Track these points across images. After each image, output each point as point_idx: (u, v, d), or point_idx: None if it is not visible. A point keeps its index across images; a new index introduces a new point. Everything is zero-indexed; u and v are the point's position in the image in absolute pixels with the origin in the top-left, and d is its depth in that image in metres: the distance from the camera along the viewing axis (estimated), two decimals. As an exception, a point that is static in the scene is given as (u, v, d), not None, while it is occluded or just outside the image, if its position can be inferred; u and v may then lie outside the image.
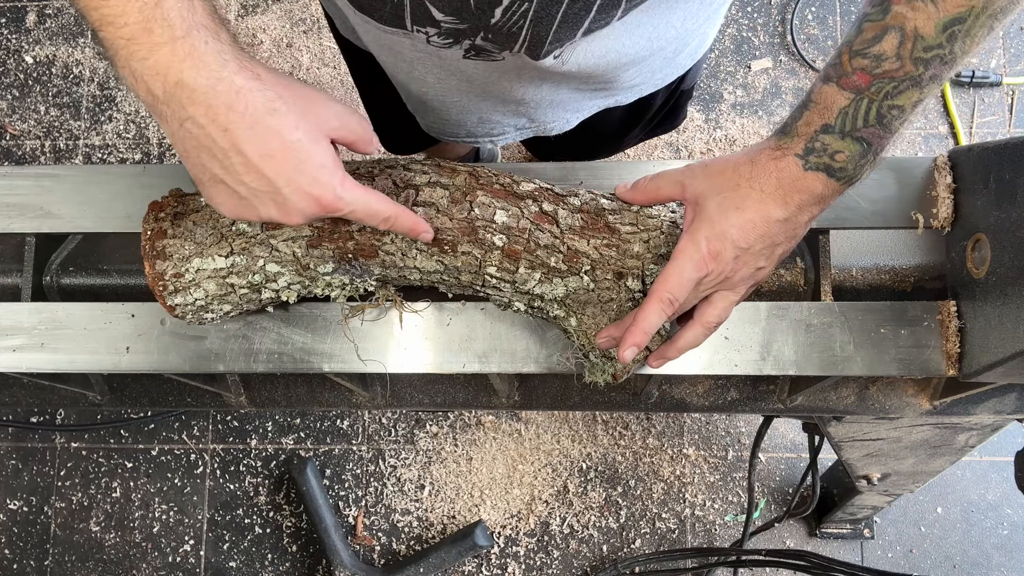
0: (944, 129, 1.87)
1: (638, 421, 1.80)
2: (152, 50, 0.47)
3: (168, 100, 0.48)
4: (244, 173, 0.51)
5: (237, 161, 0.50)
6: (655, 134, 1.10)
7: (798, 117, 0.57)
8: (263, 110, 0.50)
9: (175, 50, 0.47)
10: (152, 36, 0.47)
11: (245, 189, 0.52)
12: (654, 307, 0.60)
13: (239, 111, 0.49)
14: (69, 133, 2.00)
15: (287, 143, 0.50)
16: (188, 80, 0.48)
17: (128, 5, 0.46)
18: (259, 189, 0.52)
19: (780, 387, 0.86)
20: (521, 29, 0.62)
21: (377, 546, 1.80)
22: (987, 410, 0.83)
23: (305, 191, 0.52)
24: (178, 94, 0.48)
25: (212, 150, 0.50)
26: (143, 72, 0.48)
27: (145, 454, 1.86)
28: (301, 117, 0.51)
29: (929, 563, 1.73)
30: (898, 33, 0.52)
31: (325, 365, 0.73)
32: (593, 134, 0.95)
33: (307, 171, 0.52)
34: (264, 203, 0.53)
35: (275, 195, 0.52)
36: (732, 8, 1.95)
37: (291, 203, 0.52)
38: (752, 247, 0.59)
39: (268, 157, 0.50)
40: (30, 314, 0.75)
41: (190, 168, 0.53)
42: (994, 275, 0.64)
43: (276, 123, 0.50)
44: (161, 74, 0.48)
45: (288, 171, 0.51)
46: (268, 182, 0.51)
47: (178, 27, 0.47)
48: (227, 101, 0.48)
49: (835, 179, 0.57)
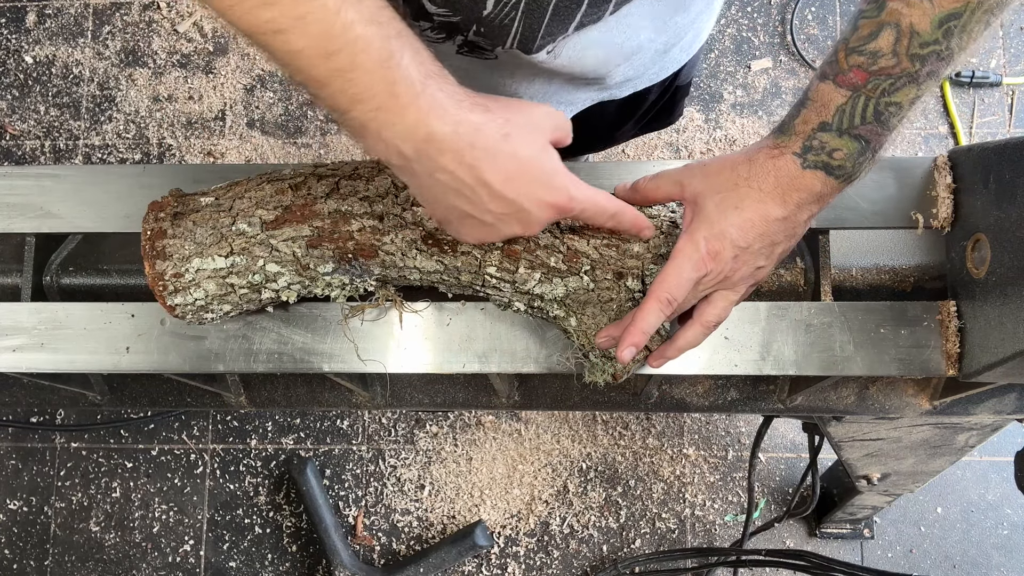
0: (944, 129, 1.87)
1: (638, 421, 1.80)
2: (401, 114, 0.49)
3: (419, 157, 0.51)
4: (490, 202, 0.53)
5: (483, 193, 0.53)
6: (650, 129, 1.10)
7: (795, 115, 0.57)
8: (498, 138, 0.52)
9: (420, 107, 0.49)
10: (398, 100, 0.49)
11: (491, 216, 0.55)
12: (652, 307, 0.61)
13: (481, 147, 0.51)
14: (69, 133, 2.00)
15: (522, 163, 0.53)
16: (436, 131, 0.50)
17: (373, 77, 0.48)
18: (504, 213, 0.54)
19: (780, 387, 0.86)
20: (513, 21, 0.62)
21: (377, 546, 1.80)
22: (987, 410, 0.83)
23: (544, 201, 0.55)
24: (428, 149, 0.50)
25: (461, 191, 0.53)
26: (394, 138, 0.50)
27: (145, 454, 1.86)
28: (527, 134, 0.54)
29: (929, 563, 1.73)
30: (894, 30, 0.52)
31: (325, 365, 0.73)
32: (586, 128, 0.95)
33: (545, 182, 0.54)
34: (509, 224, 0.56)
35: (519, 214, 0.55)
36: (732, 8, 1.95)
37: (533, 216, 0.55)
38: (751, 246, 0.59)
39: (509, 181, 0.53)
40: (30, 314, 0.75)
41: (438, 212, 0.56)
42: (994, 275, 0.64)
43: (510, 148, 0.52)
44: (411, 135, 0.50)
45: (528, 188, 0.54)
46: (512, 203, 0.54)
47: (417, 83, 0.49)
48: (470, 140, 0.51)
49: (834, 177, 0.57)
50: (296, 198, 0.65)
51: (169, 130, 1.99)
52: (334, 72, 0.47)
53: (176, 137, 1.98)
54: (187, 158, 1.97)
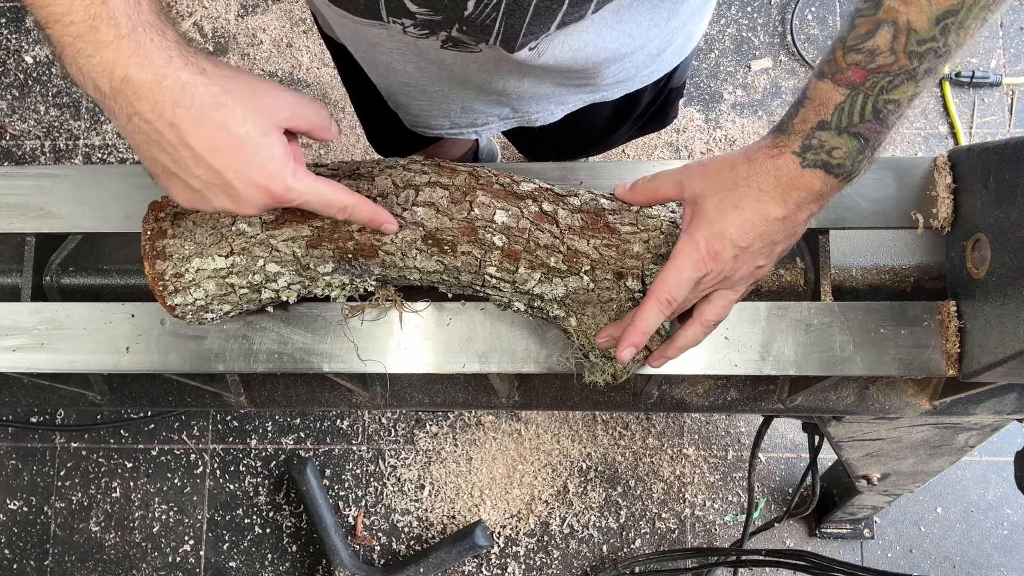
0: (944, 129, 1.87)
1: (638, 421, 1.80)
2: (98, 48, 0.48)
3: (115, 96, 0.49)
4: (194, 167, 0.51)
5: (186, 155, 0.51)
6: (644, 132, 1.10)
7: (794, 114, 0.57)
8: (209, 104, 0.50)
9: (120, 47, 0.48)
10: (98, 34, 0.48)
11: (197, 182, 0.52)
12: (652, 307, 0.61)
13: (185, 106, 0.49)
14: (69, 133, 2.00)
15: (234, 136, 0.51)
16: (134, 76, 0.48)
17: (74, 4, 0.47)
18: (210, 182, 0.52)
19: (780, 387, 0.86)
20: (495, 22, 0.62)
21: (377, 546, 1.80)
22: (987, 410, 0.83)
23: (255, 182, 0.52)
24: (124, 90, 0.49)
25: (161, 144, 0.51)
26: (90, 69, 0.48)
27: (145, 454, 1.86)
28: (249, 110, 0.52)
29: (929, 563, 1.73)
30: (891, 27, 0.52)
31: (325, 365, 0.73)
32: (581, 130, 0.95)
33: (255, 163, 0.52)
34: (216, 195, 0.53)
35: (226, 187, 0.52)
36: (732, 8, 1.95)
37: (242, 195, 0.53)
38: (751, 246, 0.59)
39: (215, 150, 0.51)
40: (30, 314, 0.75)
41: (144, 161, 0.54)
42: (994, 275, 0.64)
43: (222, 117, 0.50)
44: (107, 71, 0.48)
45: (236, 163, 0.51)
46: (218, 175, 0.52)
47: (124, 25, 0.48)
48: (173, 96, 0.49)
49: (833, 175, 0.57)
50: None
51: (169, 130, 1.99)
52: None
53: (176, 137, 1.98)
54: (187, 158, 1.96)
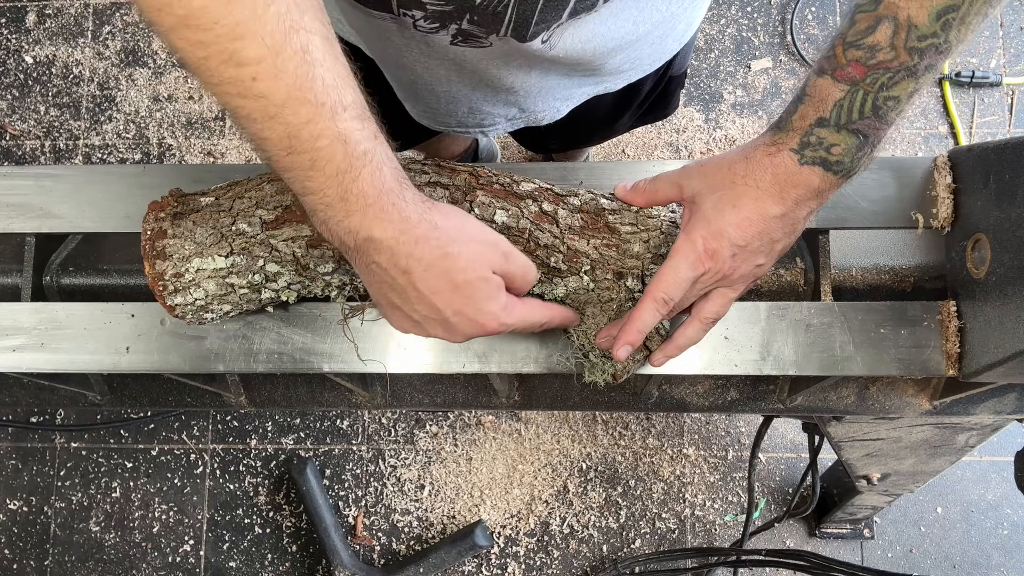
0: (944, 129, 1.87)
1: (638, 421, 1.80)
2: (347, 215, 0.53)
3: (358, 250, 0.55)
4: (417, 304, 0.57)
5: (412, 296, 0.56)
6: (646, 121, 1.10)
7: (793, 111, 0.57)
8: (437, 255, 0.55)
9: (366, 214, 0.53)
10: (347, 204, 0.53)
11: (418, 316, 0.58)
12: (648, 307, 0.61)
13: (416, 257, 0.55)
14: (69, 133, 2.00)
15: (455, 284, 0.56)
16: (376, 236, 0.54)
17: (328, 181, 0.52)
18: (429, 317, 0.58)
19: (780, 387, 0.86)
20: (506, 10, 0.62)
21: (377, 546, 1.80)
22: (987, 410, 0.83)
23: (471, 319, 0.58)
24: (367, 247, 0.54)
25: (393, 286, 0.57)
26: (338, 230, 0.54)
27: (145, 454, 1.86)
28: (469, 260, 0.56)
29: (929, 563, 1.73)
30: (891, 23, 0.52)
31: (325, 365, 0.73)
32: (583, 121, 0.95)
33: (473, 306, 0.57)
34: (434, 327, 0.59)
35: (444, 323, 0.58)
36: (732, 8, 1.95)
37: (458, 329, 0.58)
38: (750, 244, 0.58)
39: (438, 294, 0.56)
40: (30, 314, 0.75)
41: (373, 295, 0.60)
42: (994, 275, 0.64)
43: (447, 266, 0.55)
44: (354, 232, 0.54)
45: (457, 305, 0.57)
46: (438, 312, 0.57)
47: (370, 196, 0.53)
48: (408, 251, 0.54)
49: (832, 172, 0.56)
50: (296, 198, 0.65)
51: (169, 130, 1.99)
52: (295, 165, 0.51)
53: (176, 137, 1.98)
54: (187, 158, 1.97)
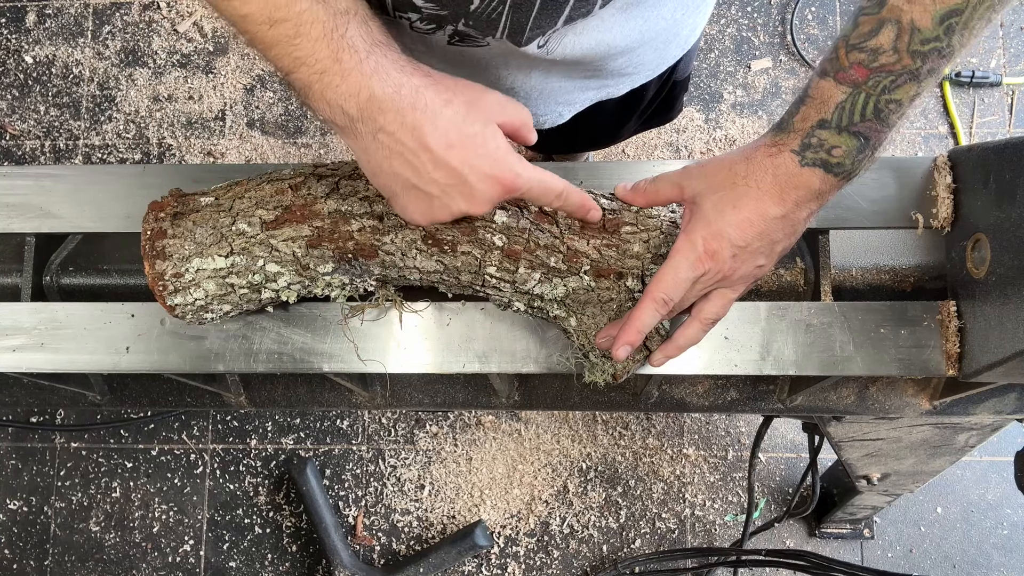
0: (944, 129, 1.87)
1: (638, 421, 1.80)
2: (344, 76, 0.52)
3: (362, 117, 0.53)
4: (433, 170, 0.54)
5: (426, 159, 0.53)
6: (650, 126, 1.10)
7: (794, 112, 0.57)
8: (440, 103, 0.53)
9: (363, 70, 0.52)
10: (342, 64, 0.51)
11: (435, 187, 0.55)
12: (648, 307, 0.61)
13: (420, 107, 0.53)
14: (69, 133, 2.00)
15: (464, 133, 0.54)
16: (377, 92, 0.52)
17: (317, 44, 0.51)
18: (447, 184, 0.55)
19: (780, 387, 0.86)
20: (501, 16, 0.62)
21: (377, 546, 1.80)
22: (987, 410, 0.83)
23: (488, 174, 0.54)
24: (370, 108, 0.52)
25: (403, 154, 0.54)
26: (337, 98, 0.52)
27: (145, 454, 1.86)
28: (471, 107, 0.55)
29: (929, 563, 1.73)
30: (894, 26, 0.52)
31: (325, 365, 0.73)
32: (588, 126, 0.95)
33: (486, 154, 0.54)
34: (453, 197, 0.55)
35: (462, 186, 0.55)
36: (732, 8, 1.95)
37: (477, 190, 0.55)
38: (750, 245, 0.58)
39: (451, 148, 0.53)
40: (30, 314, 0.75)
41: (383, 183, 0.57)
42: (994, 275, 0.64)
43: (451, 113, 0.53)
44: (354, 94, 0.52)
45: (470, 158, 0.54)
46: (455, 173, 0.54)
47: (362, 49, 0.52)
48: (411, 101, 0.52)
49: (832, 174, 0.56)
50: (296, 198, 0.65)
51: (169, 130, 1.99)
52: (279, 38, 0.50)
53: (176, 137, 1.98)
54: (187, 158, 1.97)
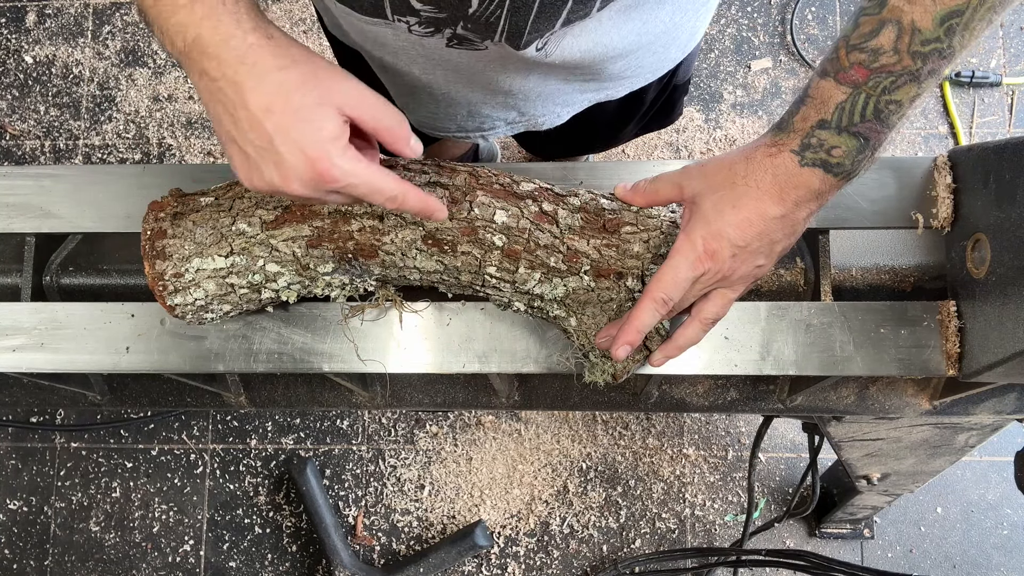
0: (944, 129, 1.87)
1: (638, 421, 1.80)
2: (175, 10, 0.52)
3: (188, 53, 0.52)
4: (248, 130, 0.52)
5: (243, 116, 0.52)
6: (650, 129, 1.10)
7: (794, 113, 0.57)
8: (272, 66, 0.51)
9: (193, 10, 0.51)
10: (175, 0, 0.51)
11: (251, 148, 0.53)
12: (647, 307, 0.60)
13: (249, 63, 0.51)
14: (69, 133, 2.00)
15: (289, 101, 0.51)
16: (204, 36, 0.51)
17: None
18: (261, 147, 0.52)
19: (780, 387, 0.86)
20: (499, 19, 0.62)
21: (377, 546, 1.80)
22: (987, 410, 0.83)
23: (300, 150, 0.51)
24: (195, 48, 0.52)
25: (224, 103, 0.52)
26: (169, 28, 0.52)
27: (145, 454, 1.86)
28: (309, 80, 0.52)
29: (929, 563, 1.73)
30: (895, 27, 0.52)
31: (325, 365, 0.73)
32: (587, 128, 0.95)
33: (305, 131, 0.51)
34: (266, 164, 0.53)
35: (274, 153, 0.52)
36: (732, 8, 1.95)
37: (287, 163, 0.52)
38: (749, 245, 0.58)
39: (268, 112, 0.51)
40: (30, 314, 0.75)
41: (213, 124, 0.55)
42: (994, 275, 0.64)
43: (282, 78, 0.51)
44: (182, 31, 0.52)
45: (285, 126, 0.51)
46: (268, 138, 0.52)
47: None
48: (238, 55, 0.51)
49: (832, 175, 0.56)
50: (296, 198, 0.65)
51: (169, 130, 1.99)
52: None
53: (176, 137, 1.98)
54: (187, 158, 1.97)
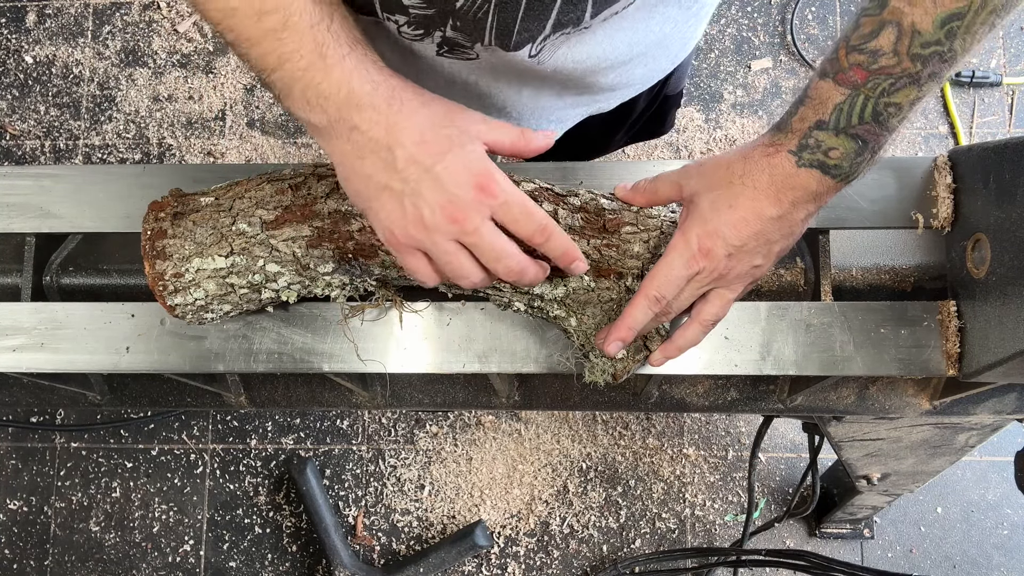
0: (944, 129, 1.87)
1: (638, 421, 1.80)
2: (327, 72, 0.52)
3: (339, 115, 0.53)
4: (405, 166, 0.53)
5: (399, 155, 0.53)
6: (641, 138, 1.10)
7: (793, 113, 0.57)
8: (417, 103, 0.54)
9: (345, 66, 0.52)
10: (326, 61, 0.52)
11: (408, 185, 0.53)
12: (640, 304, 0.60)
13: (397, 104, 0.53)
14: (69, 133, 2.00)
15: (439, 132, 0.53)
16: (356, 88, 0.52)
17: (303, 38, 0.51)
18: (417, 178, 0.53)
19: (780, 387, 0.86)
20: (487, 15, 0.61)
21: (377, 546, 1.80)
22: (987, 410, 0.83)
23: (462, 169, 0.53)
24: (348, 105, 0.52)
25: (377, 152, 0.53)
26: (317, 98, 0.52)
27: (145, 454, 1.86)
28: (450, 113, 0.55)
29: (929, 563, 1.73)
30: (895, 28, 0.51)
31: (325, 365, 0.73)
32: (577, 140, 0.94)
33: (460, 154, 0.54)
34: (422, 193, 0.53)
35: (432, 178, 0.53)
36: (732, 8, 1.95)
37: (447, 182, 0.53)
38: (746, 245, 0.58)
39: (423, 143, 0.53)
40: (30, 314, 0.75)
41: (356, 188, 0.56)
42: (994, 275, 0.64)
43: (429, 112, 0.54)
44: (335, 92, 0.52)
45: (442, 152, 0.53)
46: (425, 166, 0.53)
47: (345, 44, 0.52)
48: (387, 97, 0.53)
49: (830, 176, 0.56)
50: (296, 198, 0.65)
51: (169, 130, 1.99)
52: (266, 32, 0.50)
53: (176, 137, 1.98)
54: (187, 158, 1.97)
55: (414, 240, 0.55)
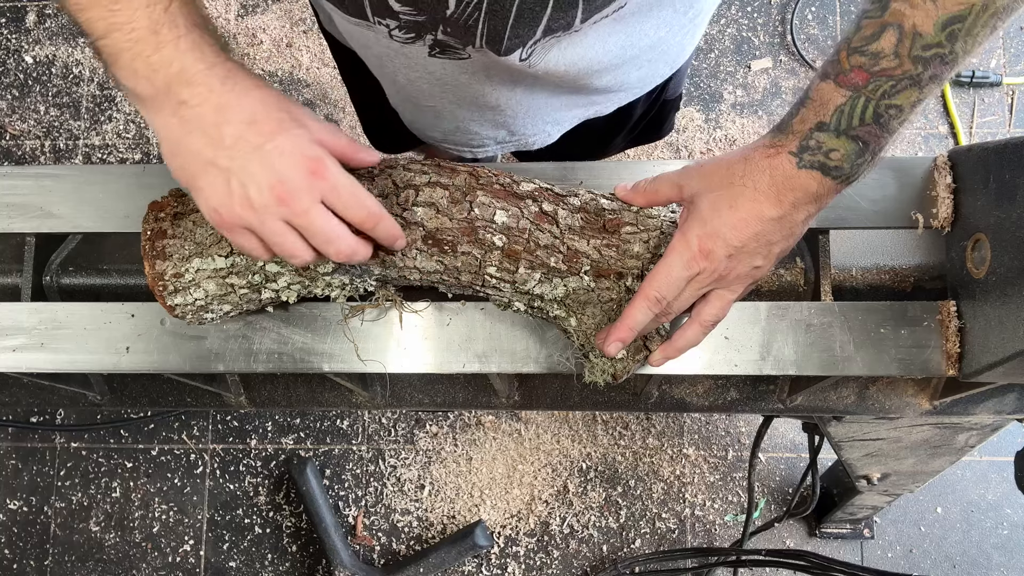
0: (944, 129, 1.87)
1: (638, 421, 1.80)
2: (158, 47, 0.52)
3: (167, 88, 0.52)
4: (232, 144, 0.53)
5: (227, 132, 0.52)
6: (640, 142, 1.10)
7: (794, 114, 0.57)
8: (251, 84, 0.54)
9: (179, 45, 0.52)
10: (159, 37, 0.52)
11: (235, 162, 0.53)
12: (640, 304, 0.60)
13: (230, 85, 0.53)
14: (69, 133, 2.00)
15: (271, 114, 0.53)
16: (188, 66, 0.52)
17: (137, 13, 0.51)
18: (246, 155, 0.52)
19: (780, 387, 0.86)
20: (478, 22, 0.61)
21: (377, 546, 1.80)
22: (987, 410, 0.83)
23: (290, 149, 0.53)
24: (178, 81, 0.52)
25: (204, 128, 0.53)
26: (146, 68, 0.52)
27: (145, 454, 1.86)
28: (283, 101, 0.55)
29: (929, 563, 1.73)
30: (896, 30, 0.51)
31: (325, 365, 0.73)
32: (575, 143, 0.94)
33: (291, 136, 0.54)
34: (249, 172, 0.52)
35: (261, 157, 0.52)
36: (732, 8, 1.95)
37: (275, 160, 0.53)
38: (746, 246, 0.58)
39: (253, 123, 0.53)
40: (30, 314, 0.75)
41: (180, 164, 0.55)
42: (994, 275, 0.64)
43: (262, 95, 0.54)
44: (164, 66, 0.52)
45: (273, 132, 0.53)
46: (253, 146, 0.52)
47: (182, 27, 0.52)
48: (221, 76, 0.53)
49: (830, 177, 0.56)
50: None
51: (169, 130, 1.99)
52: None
53: (176, 137, 1.98)
54: (187, 158, 1.97)
55: (241, 219, 0.55)
